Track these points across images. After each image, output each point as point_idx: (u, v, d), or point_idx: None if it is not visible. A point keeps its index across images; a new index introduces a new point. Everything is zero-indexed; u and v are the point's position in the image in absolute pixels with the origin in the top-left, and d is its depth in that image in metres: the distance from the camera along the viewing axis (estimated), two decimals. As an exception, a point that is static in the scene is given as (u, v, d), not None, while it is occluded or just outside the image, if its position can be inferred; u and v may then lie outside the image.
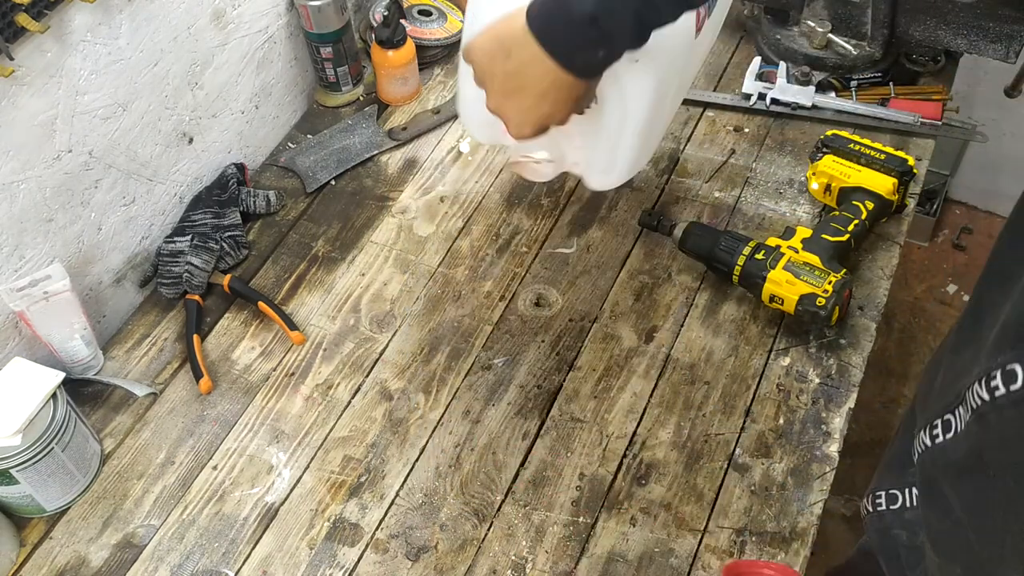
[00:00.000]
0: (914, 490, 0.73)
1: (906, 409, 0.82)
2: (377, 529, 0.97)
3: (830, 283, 1.04)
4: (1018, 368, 0.55)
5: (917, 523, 0.70)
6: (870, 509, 0.79)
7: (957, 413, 0.63)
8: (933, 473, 0.66)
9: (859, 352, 1.08)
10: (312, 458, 1.02)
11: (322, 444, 1.04)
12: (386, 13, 1.31)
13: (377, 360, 1.11)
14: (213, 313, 1.17)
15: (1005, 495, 0.56)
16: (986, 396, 0.58)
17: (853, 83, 1.34)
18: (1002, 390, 0.56)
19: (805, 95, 1.32)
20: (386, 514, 0.98)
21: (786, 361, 1.07)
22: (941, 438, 0.65)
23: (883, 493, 0.77)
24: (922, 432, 0.67)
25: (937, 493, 0.66)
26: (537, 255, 1.20)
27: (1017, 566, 0.55)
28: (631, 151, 1.03)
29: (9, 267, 1.01)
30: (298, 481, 1.01)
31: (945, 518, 0.65)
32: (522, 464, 1.01)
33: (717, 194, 1.25)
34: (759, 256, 1.08)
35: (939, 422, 0.65)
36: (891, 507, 0.76)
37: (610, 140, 1.01)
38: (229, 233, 1.20)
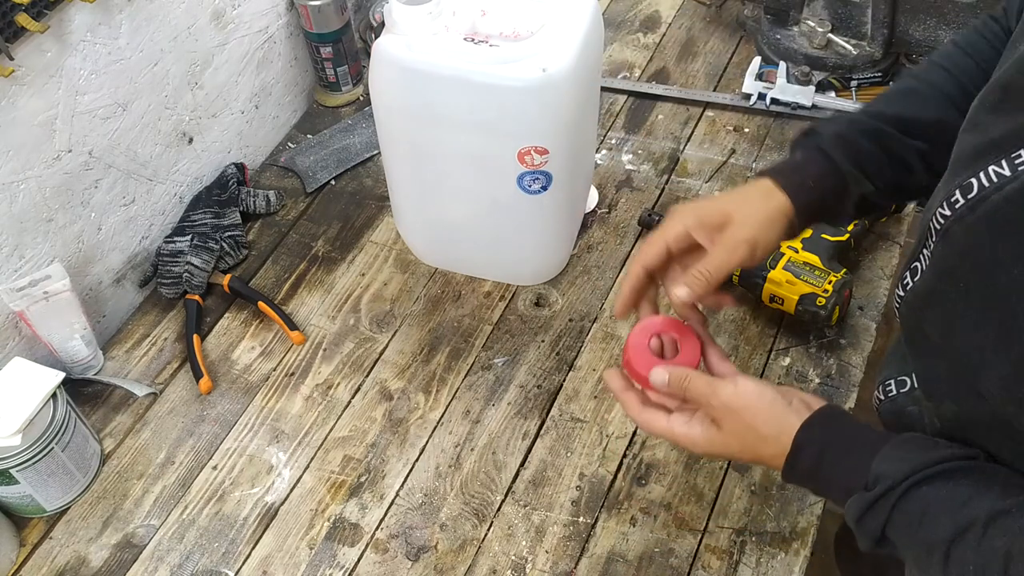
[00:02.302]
0: None
1: None
2: (377, 529, 0.97)
3: (830, 283, 1.04)
4: (973, 180, 0.58)
5: (922, 396, 0.72)
6: (882, 397, 0.80)
7: (922, 255, 0.65)
8: (911, 318, 0.68)
9: (859, 352, 1.07)
10: (312, 458, 1.02)
11: (322, 444, 1.04)
12: (386, 13, 1.31)
13: (377, 360, 1.11)
14: (213, 313, 1.17)
15: (980, 298, 0.57)
16: (948, 212, 0.60)
17: (853, 83, 1.34)
18: (961, 201, 0.58)
19: (805, 95, 1.32)
20: (386, 514, 0.98)
21: (786, 361, 1.07)
22: (911, 282, 0.67)
23: (892, 380, 0.78)
24: (897, 289, 0.70)
25: (919, 335, 0.68)
26: (537, 255, 1.20)
27: (998, 373, 0.57)
28: None
29: (9, 267, 1.01)
30: (298, 481, 1.01)
31: (930, 355, 0.66)
32: (522, 464, 1.01)
33: (717, 194, 1.25)
34: (759, 256, 1.08)
35: (907, 272, 0.67)
36: (901, 391, 0.77)
37: None
38: (229, 233, 1.20)
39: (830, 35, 1.32)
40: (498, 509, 0.98)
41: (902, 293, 0.68)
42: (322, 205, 1.27)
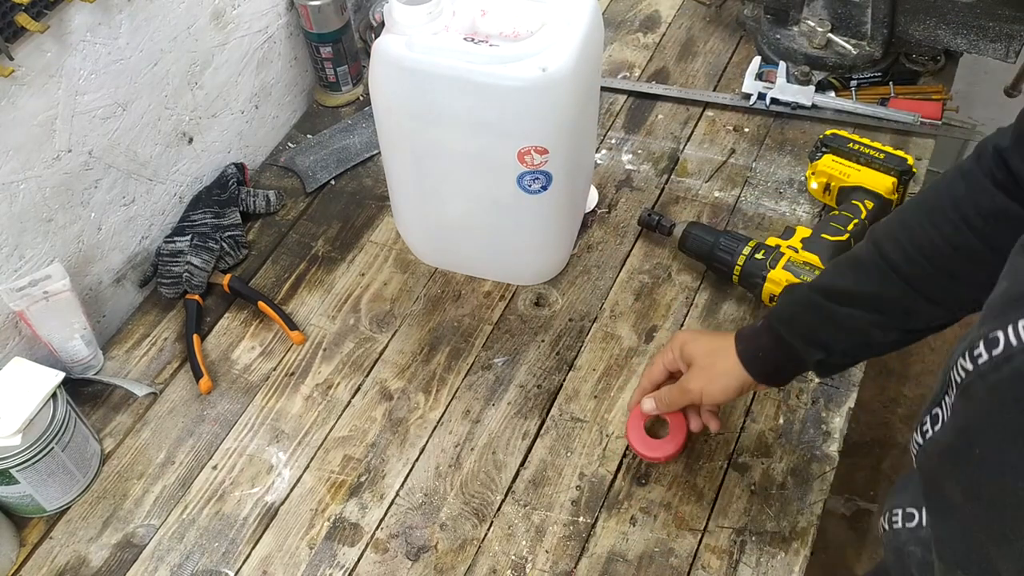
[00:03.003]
0: None
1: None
2: (377, 529, 0.97)
3: (830, 283, 1.04)
4: (1000, 334, 0.52)
5: (931, 539, 0.69)
6: (887, 527, 0.78)
7: (944, 403, 0.61)
8: (930, 472, 0.65)
9: (859, 352, 1.07)
10: (312, 458, 1.02)
11: (322, 444, 1.04)
12: (386, 13, 1.31)
13: (377, 360, 1.11)
14: (213, 313, 1.17)
15: (1000, 467, 0.53)
16: (969, 367, 0.55)
17: (853, 83, 1.34)
18: (985, 357, 0.53)
19: (805, 95, 1.32)
20: (386, 514, 0.98)
21: (786, 361, 1.07)
22: (931, 431, 0.63)
23: (900, 511, 0.76)
24: (915, 433, 0.67)
25: (936, 492, 0.65)
26: (537, 255, 1.19)
27: (1015, 555, 0.52)
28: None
29: (9, 267, 1.01)
30: (298, 481, 1.01)
31: (948, 516, 0.63)
32: (522, 464, 1.01)
33: (717, 194, 1.25)
34: (759, 256, 1.08)
35: (928, 417, 0.64)
36: (907, 524, 0.75)
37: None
38: (229, 233, 1.20)
39: (830, 35, 1.32)
40: (498, 509, 0.98)
41: (921, 440, 0.65)
42: (322, 205, 1.28)
